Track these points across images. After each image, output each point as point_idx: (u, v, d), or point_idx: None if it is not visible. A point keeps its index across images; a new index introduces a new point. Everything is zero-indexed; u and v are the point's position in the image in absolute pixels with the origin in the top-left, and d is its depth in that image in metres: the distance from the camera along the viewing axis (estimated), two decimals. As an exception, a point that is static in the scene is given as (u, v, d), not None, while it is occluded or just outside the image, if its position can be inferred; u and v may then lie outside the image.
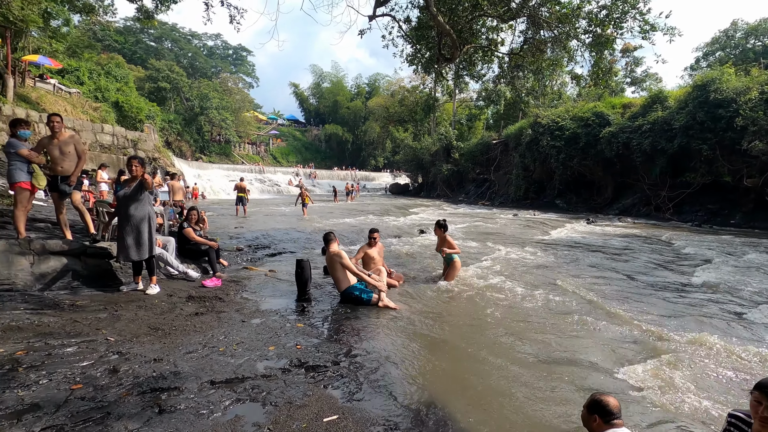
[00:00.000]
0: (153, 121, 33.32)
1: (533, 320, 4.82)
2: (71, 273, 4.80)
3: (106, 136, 20.68)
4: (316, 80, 67.40)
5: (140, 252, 4.74)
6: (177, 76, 43.07)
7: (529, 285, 6.50)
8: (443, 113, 51.36)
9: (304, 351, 3.57)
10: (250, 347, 3.54)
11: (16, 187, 5.01)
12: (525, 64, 12.64)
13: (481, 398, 3.01)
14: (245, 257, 8.25)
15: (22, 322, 3.44)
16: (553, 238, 12.68)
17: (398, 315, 4.81)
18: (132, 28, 52.84)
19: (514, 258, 9.09)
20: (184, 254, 6.68)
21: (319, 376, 3.12)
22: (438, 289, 6.18)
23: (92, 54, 34.63)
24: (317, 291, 5.82)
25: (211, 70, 61.23)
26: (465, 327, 4.57)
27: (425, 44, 11.77)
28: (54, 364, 2.73)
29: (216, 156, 45.37)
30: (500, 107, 42.13)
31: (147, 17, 14.11)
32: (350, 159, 62.40)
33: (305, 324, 4.34)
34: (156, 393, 2.59)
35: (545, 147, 25.66)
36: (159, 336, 3.59)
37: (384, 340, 3.99)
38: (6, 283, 4.22)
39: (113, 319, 3.86)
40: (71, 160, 5.21)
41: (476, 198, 33.69)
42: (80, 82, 28.48)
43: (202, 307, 4.65)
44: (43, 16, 20.63)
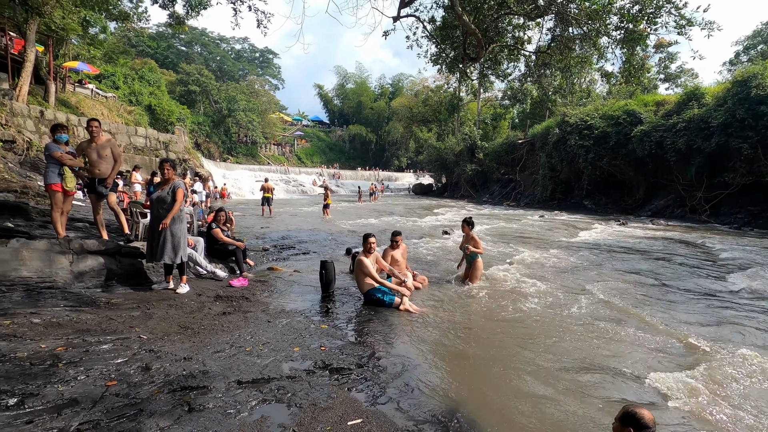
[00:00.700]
0: (183, 124, 34.38)
1: (561, 325, 4.70)
2: (107, 271, 5.00)
3: (139, 138, 21.47)
4: (340, 81, 68.03)
5: (170, 255, 4.89)
6: (206, 79, 44.30)
7: (556, 289, 6.34)
8: (467, 113, 50.85)
9: (329, 353, 3.59)
10: (275, 348, 3.60)
11: (49, 188, 5.28)
12: (552, 62, 12.35)
13: (506, 406, 2.95)
14: (271, 257, 8.40)
15: (62, 319, 3.61)
16: (581, 240, 12.34)
17: (422, 318, 4.78)
18: (164, 34, 54.70)
19: (541, 260, 8.90)
20: (212, 254, 6.85)
21: (343, 378, 3.13)
22: (462, 292, 6.12)
23: (127, 59, 36.04)
24: (341, 292, 5.86)
25: (238, 72, 62.68)
26: (490, 331, 4.50)
27: (450, 44, 11.67)
28: (91, 360, 2.85)
29: (243, 157, 46.40)
30: (526, 106, 41.37)
31: (178, 23, 14.60)
32: (374, 159, 62.60)
33: (329, 325, 4.37)
34: (186, 391, 2.66)
35: (573, 146, 25.00)
36: (188, 335, 3.69)
37: (407, 344, 3.98)
38: (48, 280, 4.44)
39: (146, 317, 4.00)
40: (108, 163, 5.44)
41: (501, 198, 33.18)
42: (116, 86, 29.71)
43: (229, 306, 4.76)
44: (82, 24, 21.62)
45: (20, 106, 15.31)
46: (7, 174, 11.20)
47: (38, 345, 2.99)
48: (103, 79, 29.40)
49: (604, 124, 23.89)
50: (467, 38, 10.48)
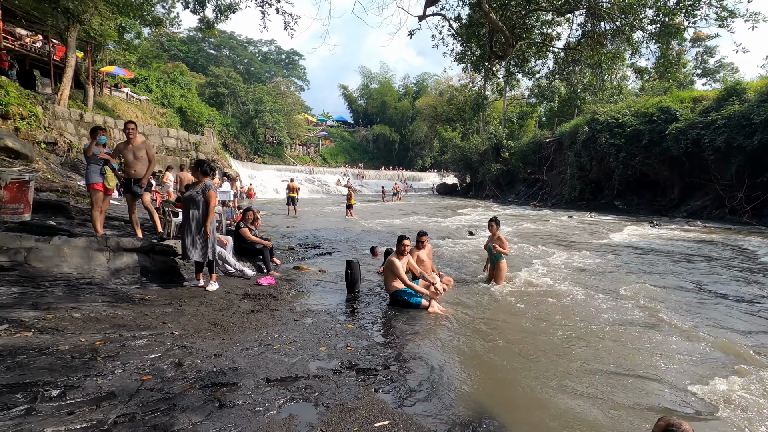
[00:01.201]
0: (212, 125, 35.33)
1: (592, 329, 4.55)
2: (141, 268, 5.18)
3: (171, 139, 22.18)
4: (364, 81, 68.31)
5: (201, 253, 5.02)
6: (234, 81, 45.36)
7: (586, 292, 6.15)
8: (493, 111, 50.11)
9: (355, 353, 3.60)
10: (302, 346, 3.63)
11: (91, 188, 5.50)
12: (582, 59, 12.01)
13: (536, 412, 2.87)
14: (297, 256, 8.50)
15: (100, 314, 3.75)
16: (612, 242, 11.94)
17: (448, 320, 4.73)
18: (194, 38, 56.31)
19: (570, 262, 8.66)
20: (241, 252, 6.99)
21: (369, 379, 3.13)
22: (488, 293, 6.02)
23: (159, 63, 37.31)
24: (366, 291, 5.87)
25: (265, 74, 63.86)
26: (518, 334, 4.41)
27: (476, 42, 11.51)
28: (127, 354, 2.94)
29: (269, 157, 47.25)
30: (554, 104, 40.38)
31: (208, 27, 15.00)
32: (397, 159, 62.58)
33: (355, 325, 4.38)
34: (216, 388, 2.71)
35: (603, 145, 24.25)
36: (218, 332, 3.77)
37: (434, 346, 3.94)
38: (87, 276, 4.64)
39: (178, 313, 4.11)
40: (143, 163, 5.63)
41: (527, 199, 32.53)
42: (149, 89, 30.81)
43: (257, 304, 4.84)
44: (118, 30, 22.51)
45: (61, 110, 16.08)
46: (50, 174, 11.78)
47: (78, 339, 3.11)
48: (137, 83, 30.54)
49: (636, 121, 23.07)
50: (494, 36, 10.32)
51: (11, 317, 3.35)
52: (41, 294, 4.05)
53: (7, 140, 10.85)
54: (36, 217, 6.71)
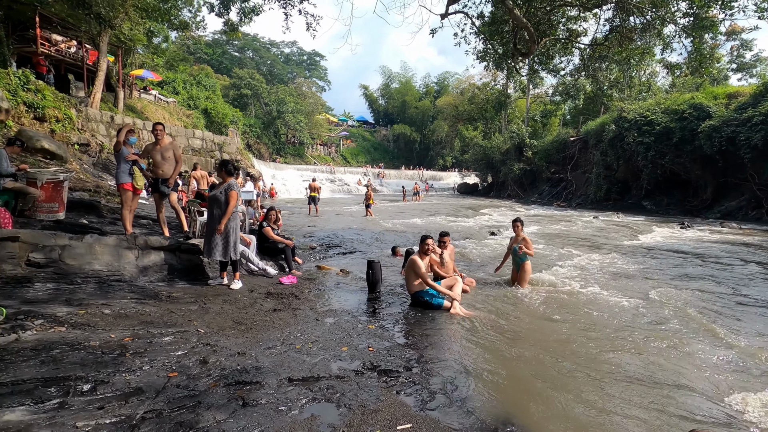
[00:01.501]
0: (236, 126, 36.00)
1: (620, 335, 4.39)
2: (168, 266, 5.30)
3: (196, 140, 22.72)
4: (385, 81, 68.30)
5: (223, 252, 5.10)
6: (257, 83, 46.11)
7: (614, 295, 5.96)
8: (515, 110, 49.34)
9: (376, 354, 3.58)
10: (324, 346, 3.63)
11: (120, 187, 5.67)
12: (610, 55, 11.65)
13: (563, 419, 2.79)
14: (318, 255, 8.56)
15: (129, 311, 3.85)
16: (641, 244, 11.55)
17: (470, 322, 4.65)
18: (219, 41, 57.55)
19: (596, 264, 8.42)
20: (263, 251, 7.08)
21: (391, 381, 3.10)
22: (512, 295, 5.91)
23: (186, 66, 38.25)
24: (387, 292, 5.85)
25: (287, 75, 64.69)
26: (543, 338, 4.30)
27: (499, 40, 11.34)
28: (154, 351, 3.01)
29: (291, 157, 47.84)
30: (579, 102, 39.45)
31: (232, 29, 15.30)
32: (418, 158, 62.36)
33: (376, 326, 4.37)
34: (240, 386, 2.74)
35: (631, 143, 23.49)
36: (242, 330, 3.82)
37: (457, 348, 3.88)
38: (116, 273, 4.78)
39: (203, 311, 4.19)
40: (170, 164, 5.77)
41: (550, 199, 31.85)
42: (176, 92, 31.64)
43: (279, 303, 4.88)
44: (147, 34, 23.20)
45: (94, 112, 16.69)
46: (83, 174, 12.23)
47: (108, 335, 3.20)
48: (164, 85, 31.41)
49: (666, 119, 22.26)
50: (518, 33, 10.13)
51: (46, 312, 3.47)
52: (74, 290, 4.20)
53: (43, 142, 11.32)
54: (70, 216, 6.97)
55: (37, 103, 13.03)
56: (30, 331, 3.07)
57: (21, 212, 6.19)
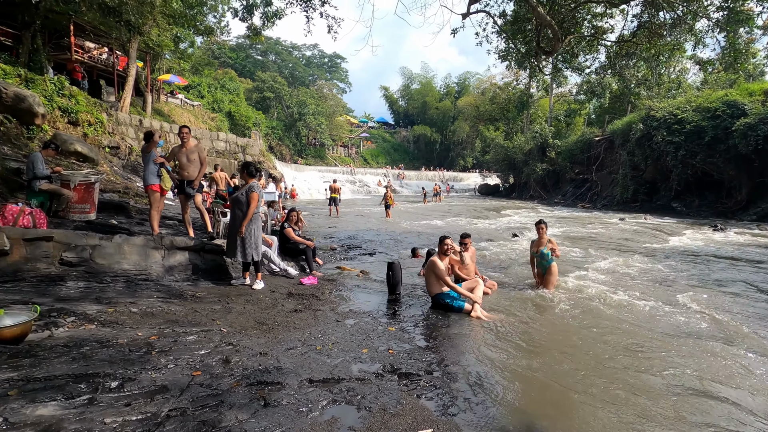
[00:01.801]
0: (258, 128, 36.64)
1: (653, 343, 4.23)
2: (192, 266, 5.42)
3: (220, 142, 23.22)
4: (405, 82, 68.29)
5: (245, 253, 5.17)
6: (279, 85, 46.83)
7: (645, 300, 5.75)
8: (538, 110, 48.49)
9: (397, 356, 3.55)
10: (344, 348, 3.63)
11: (149, 189, 5.83)
12: (637, 52, 11.30)
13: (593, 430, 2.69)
14: (338, 256, 8.60)
15: (155, 309, 3.95)
16: (671, 247, 11.14)
17: (493, 326, 4.57)
18: (243, 45, 58.75)
19: (624, 268, 8.16)
20: (284, 252, 7.15)
21: (412, 384, 3.07)
22: (536, 299, 5.78)
23: (211, 70, 39.20)
24: (407, 294, 5.81)
25: (308, 78, 65.47)
26: (569, 344, 4.18)
27: (521, 39, 11.15)
28: (179, 350, 3.07)
29: (311, 158, 48.36)
30: (605, 100, 38.40)
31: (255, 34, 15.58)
32: (438, 159, 62.02)
33: (396, 328, 4.34)
34: (262, 386, 2.76)
35: (660, 143, 22.73)
36: (263, 330, 3.85)
37: (479, 353, 3.81)
38: (144, 273, 4.91)
39: (225, 311, 4.25)
40: (195, 166, 5.91)
41: (574, 200, 31.12)
42: (201, 95, 32.43)
43: (300, 304, 4.91)
44: (174, 40, 23.88)
45: (123, 116, 17.27)
46: (113, 176, 12.66)
47: (135, 333, 3.28)
48: (190, 89, 32.26)
49: (698, 117, 21.44)
50: (541, 31, 9.94)
51: (77, 310, 3.59)
52: (103, 289, 4.33)
53: (77, 145, 11.77)
54: (100, 216, 7.22)
55: (71, 108, 13.56)
56: (62, 328, 3.18)
57: (55, 213, 6.45)
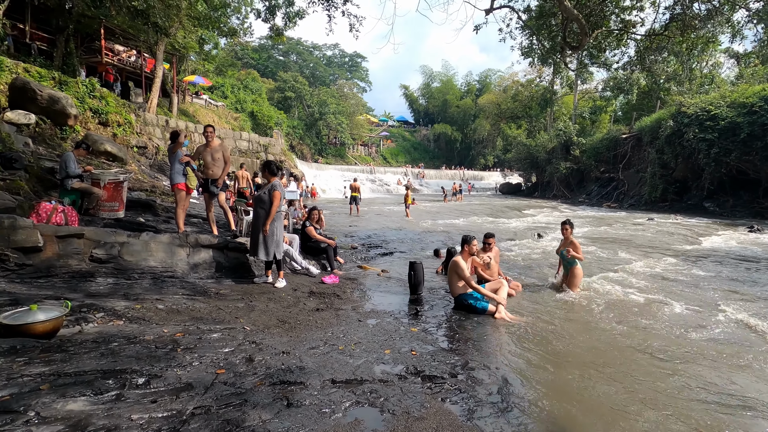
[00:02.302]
0: (280, 127, 37.08)
1: (688, 348, 4.04)
2: (216, 264, 5.49)
3: (243, 142, 23.60)
4: (425, 81, 67.92)
5: (268, 252, 5.20)
6: (300, 85, 47.27)
7: (678, 304, 5.51)
8: (561, 107, 47.42)
9: (420, 358, 3.49)
10: (367, 348, 3.60)
11: (175, 188, 5.93)
12: (668, 46, 10.87)
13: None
14: (359, 255, 8.58)
15: (180, 306, 4.00)
16: (705, 249, 10.68)
17: (518, 328, 4.45)
18: (265, 46, 59.58)
19: (654, 270, 7.86)
20: (306, 250, 7.17)
21: (436, 387, 3.01)
22: (561, 301, 5.62)
23: (234, 71, 39.92)
24: (429, 294, 5.74)
25: (329, 77, 65.87)
26: (598, 348, 4.03)
27: (546, 34, 10.89)
28: (203, 347, 3.09)
29: (332, 158, 48.64)
30: (632, 97, 37.24)
31: (278, 34, 15.78)
32: (458, 158, 61.46)
33: (419, 329, 4.28)
34: (285, 386, 2.75)
35: (692, 140, 21.88)
36: (286, 329, 3.86)
37: (503, 355, 3.72)
38: (169, 270, 5.00)
39: (248, 309, 4.28)
40: (220, 165, 5.98)
41: (600, 199, 30.28)
42: (224, 96, 33.04)
43: (322, 303, 4.91)
44: (199, 42, 24.39)
45: (151, 117, 17.74)
46: (140, 175, 13.02)
47: (162, 329, 3.33)
48: (214, 90, 32.92)
49: (732, 113, 20.54)
50: (567, 25, 9.67)
51: (106, 306, 3.67)
52: (131, 285, 4.43)
53: (107, 145, 12.15)
54: (128, 214, 7.41)
55: (101, 110, 14.02)
56: (92, 323, 3.25)
57: (86, 211, 6.65)
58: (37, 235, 4.11)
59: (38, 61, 15.54)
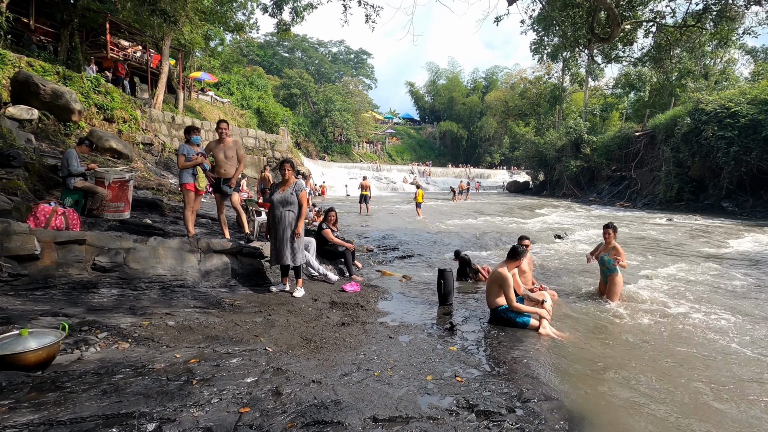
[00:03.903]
0: (286, 124, 36.66)
1: (751, 369, 3.57)
2: (230, 271, 5.06)
3: (249, 139, 23.18)
4: (431, 78, 67.28)
5: (295, 257, 4.77)
6: (306, 82, 46.80)
7: (725, 315, 5.04)
8: (571, 104, 46.66)
9: (467, 387, 3.04)
10: (405, 374, 3.15)
11: (183, 188, 5.49)
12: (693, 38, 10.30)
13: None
14: (376, 259, 8.14)
15: (193, 322, 3.57)
16: (735, 252, 10.16)
17: (567, 346, 3.99)
18: (270, 42, 59.13)
19: (692, 276, 7.37)
20: (322, 254, 6.74)
21: (494, 426, 2.56)
22: (603, 313, 5.15)
23: (239, 68, 39.48)
24: (458, 303, 5.29)
25: (334, 74, 65.35)
26: (662, 369, 3.56)
27: (570, 24, 10.34)
28: (222, 378, 2.65)
29: (337, 155, 48.18)
30: (644, 94, 36.47)
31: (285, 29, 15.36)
32: (464, 156, 60.83)
33: (458, 348, 3.83)
34: (320, 426, 2.32)
35: (710, 138, 21.25)
36: (312, 349, 3.42)
37: (561, 382, 3.26)
38: (179, 278, 4.57)
39: (268, 324, 3.84)
40: (233, 164, 5.54)
41: (611, 198, 29.68)
42: (230, 92, 32.64)
43: (346, 315, 4.47)
44: (204, 38, 23.98)
45: (156, 113, 17.35)
46: (146, 173, 12.62)
47: (173, 354, 2.90)
48: (220, 87, 32.50)
49: (754, 110, 19.92)
50: (595, 15, 9.14)
51: (110, 323, 3.25)
52: (138, 297, 4.00)
53: (111, 142, 11.75)
54: (134, 215, 6.99)
55: (106, 105, 13.62)
56: (93, 347, 2.82)
57: (89, 211, 6.24)
58: (34, 241, 3.69)
59: (42, 55, 15.16)
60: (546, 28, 36.71)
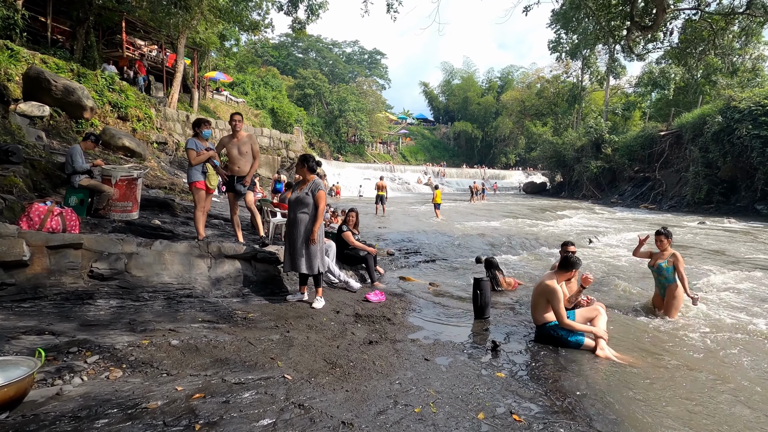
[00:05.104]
0: (300, 124, 36.42)
1: None
2: (243, 278, 4.58)
3: (264, 138, 22.89)
4: (446, 77, 66.57)
5: (310, 265, 4.26)
6: (320, 82, 46.56)
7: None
8: (590, 104, 45.47)
9: (529, 429, 2.48)
10: (451, 411, 2.60)
11: (192, 186, 5.03)
12: (750, 27, 9.55)
13: None
14: (398, 263, 7.62)
15: (200, 341, 3.08)
16: (787, 259, 9.34)
17: (635, 375, 3.39)
18: (284, 43, 59.14)
19: (741, 285, 6.67)
20: (342, 259, 6.23)
21: (576, 490, 1.99)
22: (664, 331, 4.53)
23: (254, 68, 39.45)
24: (497, 318, 4.72)
25: (348, 75, 65.06)
26: (756, 399, 2.95)
27: (605, 14, 9.67)
28: (232, 422, 2.13)
29: (351, 155, 47.81)
30: (668, 92, 35.17)
31: (300, 28, 14.99)
32: (479, 156, 59.90)
33: (506, 374, 3.26)
34: (356, 492, 1.78)
35: (744, 137, 20.24)
36: (338, 376, 2.89)
37: (636, 416, 2.67)
38: (187, 287, 4.10)
39: (286, 343, 3.33)
40: (247, 160, 5.08)
41: (634, 200, 28.64)
42: (245, 92, 32.55)
43: (373, 331, 3.93)
44: (220, 37, 23.79)
45: (171, 112, 17.11)
46: (160, 172, 12.31)
47: (174, 386, 2.40)
48: (235, 87, 32.44)
49: (792, 108, 18.85)
50: (634, 3, 8.47)
51: (104, 343, 2.78)
52: (139, 309, 3.54)
53: (125, 140, 11.48)
54: (143, 215, 6.59)
55: (121, 103, 13.38)
56: (78, 377, 2.34)
57: (95, 211, 5.85)
58: (22, 245, 3.25)
59: (58, 53, 15.02)
60: (565, 26, 35.53)
